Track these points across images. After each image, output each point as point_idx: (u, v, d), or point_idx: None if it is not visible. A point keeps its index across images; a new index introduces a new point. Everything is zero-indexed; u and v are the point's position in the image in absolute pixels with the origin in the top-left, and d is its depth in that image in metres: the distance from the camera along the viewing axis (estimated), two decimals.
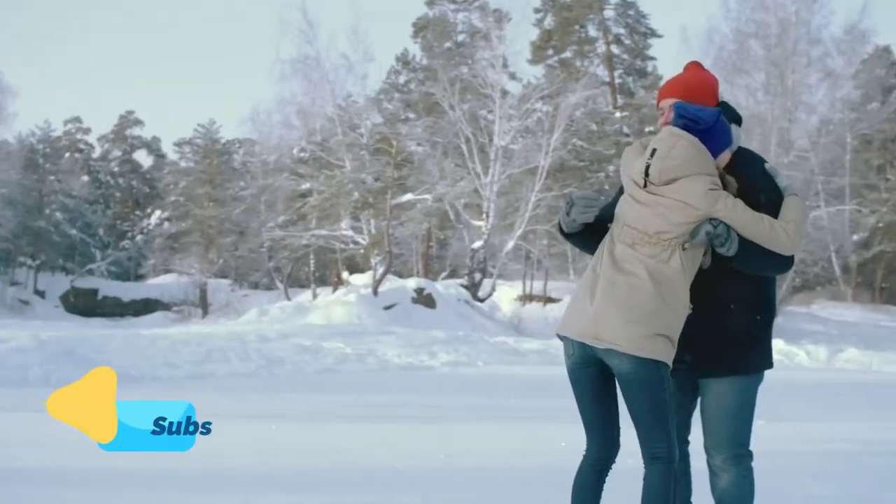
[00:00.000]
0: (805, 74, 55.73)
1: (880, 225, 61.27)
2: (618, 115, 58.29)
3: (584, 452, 5.69)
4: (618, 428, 5.61)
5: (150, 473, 8.88)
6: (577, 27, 66.05)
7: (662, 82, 6.17)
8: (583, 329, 5.42)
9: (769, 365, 5.73)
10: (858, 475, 10.00)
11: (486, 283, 51.90)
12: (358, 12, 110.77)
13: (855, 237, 57.81)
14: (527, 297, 56.74)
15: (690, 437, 5.85)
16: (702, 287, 5.46)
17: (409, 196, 52.01)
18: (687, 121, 5.46)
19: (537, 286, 57.94)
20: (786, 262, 5.50)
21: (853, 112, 57.57)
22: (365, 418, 14.39)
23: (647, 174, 5.46)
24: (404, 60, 68.44)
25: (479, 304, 49.45)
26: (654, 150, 5.43)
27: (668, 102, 5.66)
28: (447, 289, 48.52)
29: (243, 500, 8.17)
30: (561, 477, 9.12)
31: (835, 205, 54.43)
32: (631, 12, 66.06)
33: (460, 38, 66.00)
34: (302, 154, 60.65)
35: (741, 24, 57.67)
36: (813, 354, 34.54)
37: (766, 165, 5.64)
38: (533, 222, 51.53)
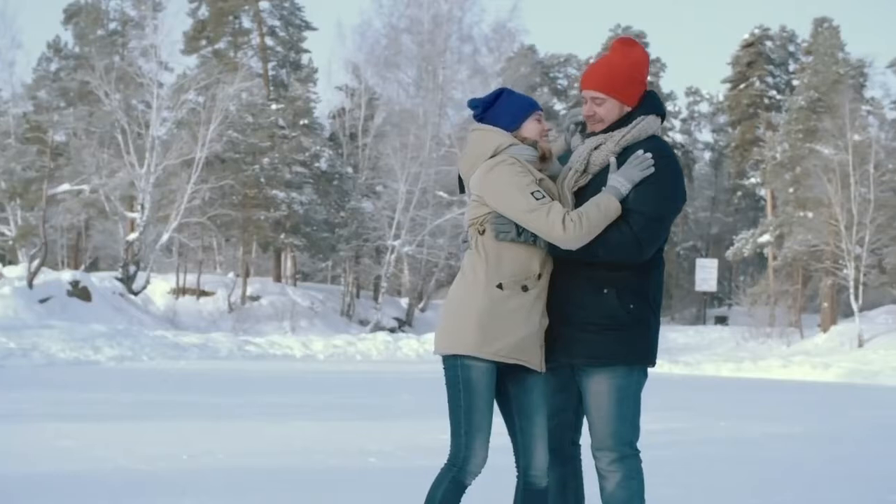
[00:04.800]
0: (456, 70, 57.64)
1: None
2: (273, 107, 58.49)
3: None
4: (523, 440, 5.30)
5: None
6: (231, 18, 65.91)
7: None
8: None
9: (643, 362, 5.34)
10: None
11: (141, 276, 51.30)
12: None
13: None
14: (180, 291, 56.35)
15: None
16: (578, 269, 5.23)
17: (65, 186, 50.84)
18: (473, 110, 5.39)
19: (190, 279, 57.60)
20: (627, 249, 5.13)
21: None
22: (80, 417, 13.80)
23: (459, 178, 5.45)
24: (56, 48, 66.60)
25: (133, 297, 48.85)
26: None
27: (588, 94, 5.37)
28: (102, 281, 47.64)
29: None
30: (300, 475, 9.43)
31: None
32: (286, 4, 66.25)
33: (113, 26, 64.82)
34: None
35: (394, 20, 59.30)
36: None
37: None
38: (188, 214, 51.30)
